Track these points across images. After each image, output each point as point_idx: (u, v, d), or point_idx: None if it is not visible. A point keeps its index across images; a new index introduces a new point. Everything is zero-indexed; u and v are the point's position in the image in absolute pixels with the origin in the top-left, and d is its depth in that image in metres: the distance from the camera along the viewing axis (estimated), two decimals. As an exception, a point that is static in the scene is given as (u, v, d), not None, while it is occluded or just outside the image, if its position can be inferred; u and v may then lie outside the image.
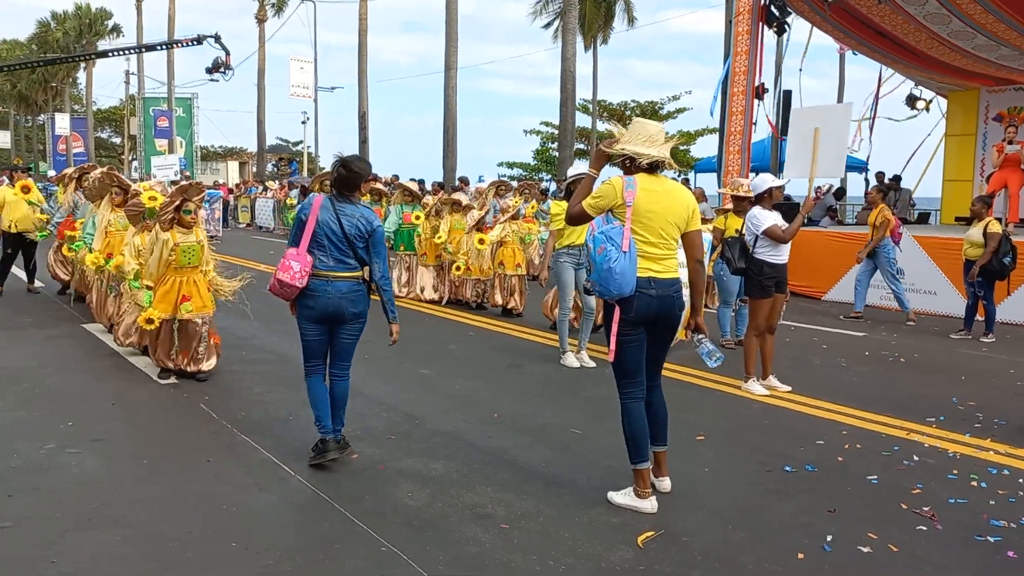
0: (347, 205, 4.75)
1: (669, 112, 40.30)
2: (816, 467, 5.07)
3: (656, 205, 4.32)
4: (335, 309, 4.74)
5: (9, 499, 4.34)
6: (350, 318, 4.81)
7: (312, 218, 4.69)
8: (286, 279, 4.63)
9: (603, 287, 4.22)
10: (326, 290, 4.70)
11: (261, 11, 42.80)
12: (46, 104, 63.80)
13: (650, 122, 4.53)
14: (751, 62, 13.86)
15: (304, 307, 4.78)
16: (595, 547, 3.91)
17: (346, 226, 4.70)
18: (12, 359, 7.54)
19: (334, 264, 4.72)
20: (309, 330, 4.85)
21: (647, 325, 4.37)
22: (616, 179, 4.39)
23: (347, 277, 4.75)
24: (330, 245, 4.70)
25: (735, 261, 6.95)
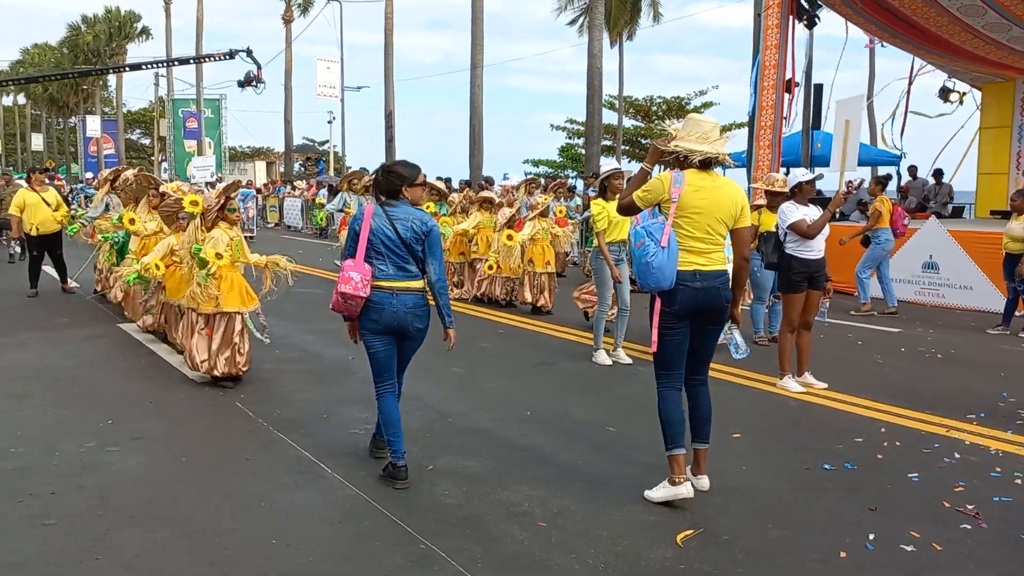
0: (398, 208, 4.61)
1: (696, 107, 39.97)
2: (856, 465, 5.02)
3: (703, 202, 4.35)
4: (400, 323, 4.58)
5: (53, 497, 4.40)
6: (414, 333, 4.68)
7: (365, 226, 4.56)
8: (349, 291, 4.46)
9: (641, 280, 4.35)
10: (391, 303, 4.54)
11: (288, 12, 43.10)
12: (77, 106, 64.76)
13: (705, 118, 4.54)
14: (781, 56, 13.72)
15: (368, 320, 4.59)
16: (634, 545, 3.89)
17: (401, 230, 4.55)
18: (51, 359, 7.65)
19: (395, 272, 4.56)
20: (375, 344, 4.68)
21: (691, 317, 4.39)
22: (666, 174, 4.45)
23: (411, 289, 4.60)
24: (388, 252, 4.56)
25: (768, 256, 6.89)
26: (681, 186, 4.34)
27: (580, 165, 35.22)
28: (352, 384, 6.84)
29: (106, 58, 57.66)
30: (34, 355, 7.81)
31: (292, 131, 43.58)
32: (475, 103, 27.37)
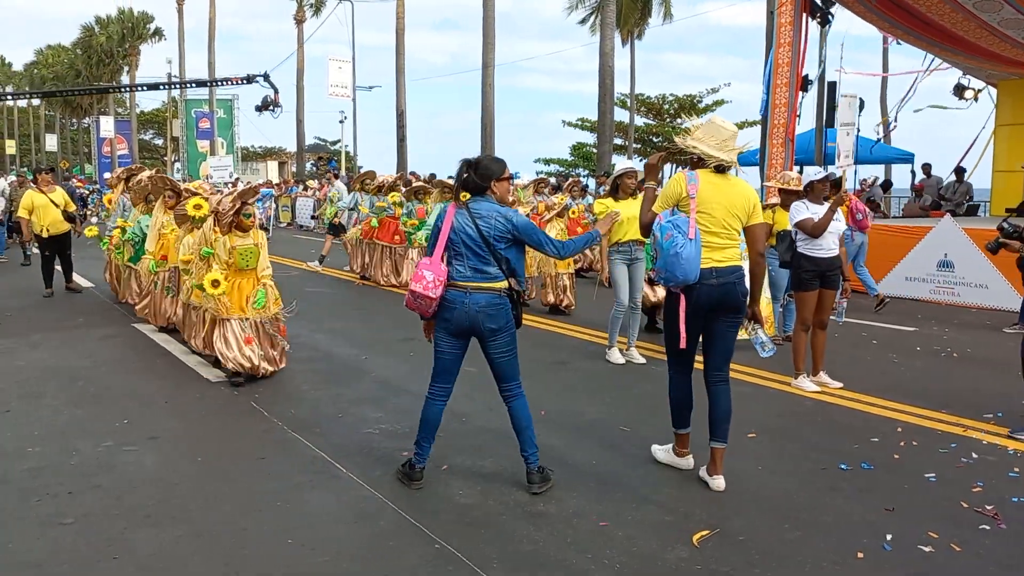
0: (481, 205, 4.44)
1: (708, 105, 39.90)
2: (872, 465, 4.99)
3: (719, 196, 4.55)
4: (471, 323, 4.42)
5: (70, 496, 4.43)
6: (487, 333, 4.46)
7: (447, 225, 4.42)
8: (419, 289, 4.35)
9: (669, 273, 4.40)
10: (463, 302, 4.39)
11: (299, 12, 43.22)
12: (91, 107, 65.15)
13: (726, 125, 4.68)
14: (794, 54, 13.65)
15: (440, 320, 4.48)
16: (650, 546, 3.88)
17: (483, 228, 4.38)
18: (68, 359, 7.69)
19: (471, 274, 4.40)
20: (443, 345, 4.57)
21: (707, 313, 4.56)
22: (680, 175, 4.62)
23: (486, 289, 4.41)
24: (467, 252, 4.40)
25: (782, 255, 6.88)
26: (696, 183, 4.53)
27: (592, 164, 35.20)
28: (365, 384, 6.85)
29: (119, 59, 57.99)
30: (50, 355, 7.86)
31: (304, 131, 43.69)
32: (487, 102, 27.38)
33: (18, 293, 11.93)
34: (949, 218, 12.40)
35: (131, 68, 57.99)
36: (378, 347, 8.23)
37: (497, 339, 4.51)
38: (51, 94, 46.42)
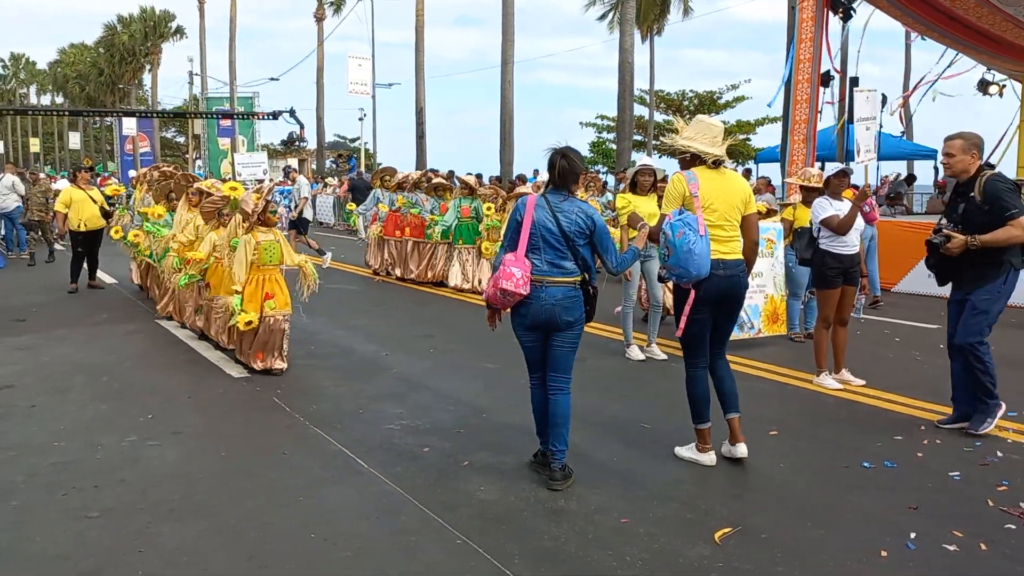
0: (563, 201, 4.46)
1: (728, 101, 39.73)
2: (895, 463, 4.95)
3: (719, 191, 4.77)
4: (548, 316, 4.43)
5: (96, 490, 4.48)
6: (563, 326, 4.47)
7: (527, 219, 4.42)
8: (510, 287, 4.32)
9: (683, 269, 4.52)
10: (539, 296, 4.39)
11: (320, 10, 43.41)
12: (113, 105, 65.68)
13: (714, 123, 4.95)
14: (816, 49, 13.55)
15: (517, 315, 4.50)
16: (672, 543, 3.87)
17: (564, 223, 4.39)
18: (92, 354, 7.77)
19: (548, 268, 4.41)
20: (524, 338, 4.58)
21: (714, 303, 4.77)
22: (678, 176, 4.80)
23: (561, 282, 4.43)
24: (545, 247, 4.41)
25: (802, 252, 6.84)
26: (697, 182, 4.73)
27: (611, 160, 35.10)
28: (385, 380, 6.88)
29: (141, 57, 58.45)
30: (75, 350, 7.94)
31: (324, 128, 43.91)
32: (506, 99, 27.38)
33: (42, 289, 12.07)
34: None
35: (153, 67, 58.54)
36: (398, 343, 8.26)
37: (571, 331, 4.54)
38: (52, 111, 47.00)
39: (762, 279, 8.31)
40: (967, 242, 5.13)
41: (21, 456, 5.00)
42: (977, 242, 5.11)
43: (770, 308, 8.44)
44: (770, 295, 8.46)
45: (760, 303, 8.37)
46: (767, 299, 8.44)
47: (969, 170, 5.26)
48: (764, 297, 8.41)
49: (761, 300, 8.38)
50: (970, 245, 5.13)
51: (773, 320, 8.48)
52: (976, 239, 5.11)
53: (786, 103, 14.13)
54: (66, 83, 71.15)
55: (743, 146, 37.71)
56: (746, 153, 37.14)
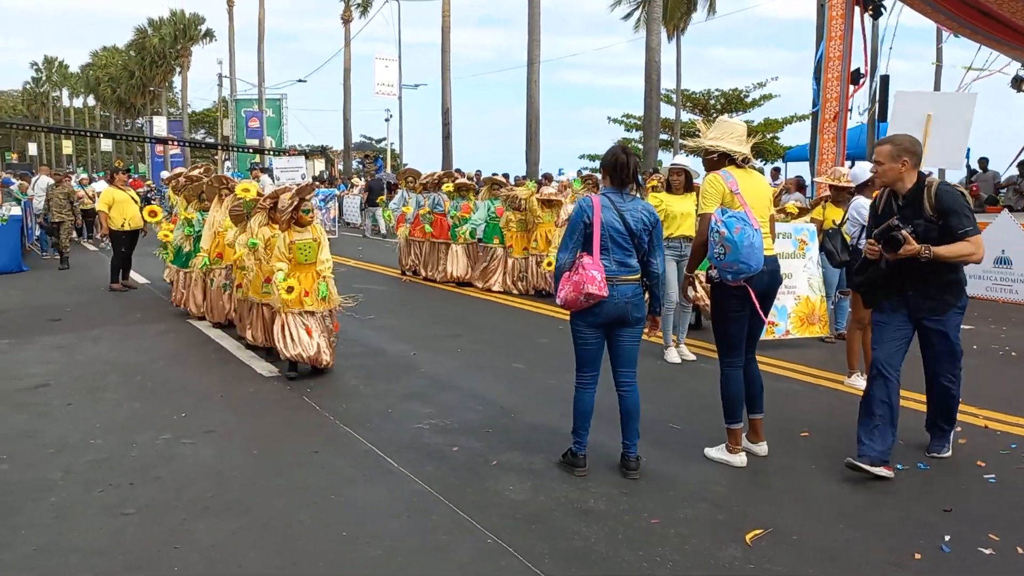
0: (627, 200, 4.56)
1: (755, 100, 39.42)
2: (929, 465, 4.90)
3: (752, 191, 4.80)
4: (620, 313, 4.53)
5: (132, 487, 4.55)
6: (633, 322, 4.61)
7: (597, 220, 4.48)
8: (594, 291, 4.38)
9: (744, 264, 4.48)
10: (612, 294, 4.46)
11: (347, 12, 43.67)
12: (144, 108, 66.62)
13: (736, 122, 5.02)
14: (845, 47, 13.43)
15: (589, 314, 4.53)
16: (702, 544, 3.86)
17: (630, 222, 4.49)
18: (127, 353, 7.89)
19: (616, 268, 4.51)
20: (588, 336, 4.63)
21: (760, 298, 4.75)
22: (715, 176, 4.78)
23: (630, 280, 4.55)
24: (614, 247, 4.50)
25: (838, 253, 6.71)
26: (734, 179, 4.74)
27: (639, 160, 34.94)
28: (413, 380, 6.91)
29: (171, 60, 59.13)
30: (109, 349, 8.06)
31: (351, 129, 44.19)
32: (531, 99, 27.39)
33: (77, 289, 12.26)
34: (1007, 213, 12.09)
35: (183, 69, 59.19)
36: (426, 343, 8.29)
37: (638, 327, 4.68)
38: (85, 132, 47.81)
39: (792, 280, 8.19)
40: (920, 252, 4.55)
41: (59, 454, 5.09)
42: (930, 253, 4.56)
43: (804, 309, 8.31)
44: (804, 296, 8.33)
45: (790, 304, 8.27)
46: (799, 300, 8.32)
47: (903, 179, 4.72)
48: (795, 298, 8.30)
49: (791, 301, 8.27)
50: (922, 256, 4.56)
51: (810, 322, 8.33)
52: (929, 250, 4.56)
53: (815, 101, 14.01)
54: (98, 86, 72.17)
55: (771, 144, 37.44)
56: (774, 151, 36.86)
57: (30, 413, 5.95)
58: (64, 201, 15.37)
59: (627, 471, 4.70)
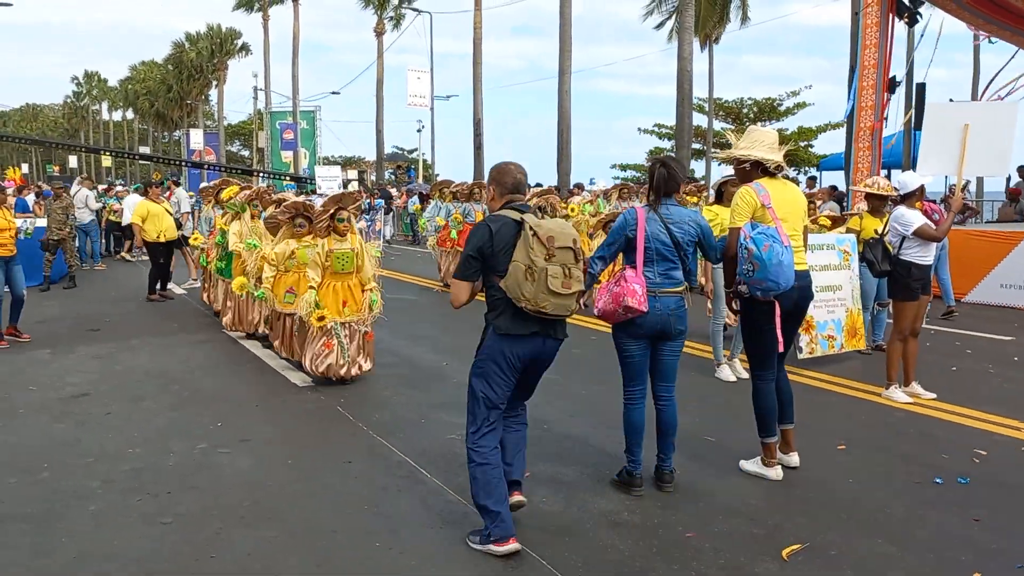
0: (672, 211, 4.52)
1: (788, 108, 39.09)
2: (969, 479, 4.81)
3: (787, 204, 4.75)
4: (663, 326, 4.49)
5: (169, 496, 4.61)
6: (675, 335, 4.56)
7: (641, 232, 4.45)
8: (633, 304, 4.33)
9: (772, 282, 4.47)
10: (654, 307, 4.43)
11: (379, 24, 44.02)
12: (181, 120, 67.66)
13: (767, 130, 4.98)
14: (881, 55, 13.29)
15: (631, 325, 4.48)
16: (737, 558, 3.82)
17: (676, 233, 4.47)
18: (164, 363, 8.00)
19: (660, 280, 4.47)
20: (633, 348, 4.58)
21: (786, 315, 4.73)
22: (746, 189, 4.72)
23: (673, 292, 4.51)
24: (659, 259, 4.46)
25: (878, 263, 6.56)
26: (767, 192, 4.67)
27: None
28: (446, 389, 6.93)
29: (208, 74, 60.03)
30: (147, 359, 8.18)
31: (383, 140, 44.44)
32: (563, 109, 27.39)
33: (116, 300, 12.46)
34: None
35: (219, 82, 60.06)
36: (458, 353, 8.30)
37: (679, 340, 4.64)
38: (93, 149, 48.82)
39: (842, 292, 8.02)
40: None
41: (98, 462, 5.17)
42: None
43: (850, 322, 8.10)
44: (850, 309, 8.12)
45: (842, 317, 8.02)
46: (848, 313, 8.08)
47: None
48: (845, 311, 8.06)
49: (843, 314, 8.03)
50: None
51: (852, 335, 8.11)
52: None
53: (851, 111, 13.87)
54: (136, 99, 73.45)
55: (804, 153, 37.08)
56: (808, 160, 36.50)
57: (70, 422, 6.05)
58: (62, 216, 13.67)
59: (661, 484, 4.68)
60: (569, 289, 3.83)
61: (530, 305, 3.82)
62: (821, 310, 7.74)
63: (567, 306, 3.89)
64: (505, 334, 3.96)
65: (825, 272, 7.82)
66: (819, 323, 7.75)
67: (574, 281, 3.85)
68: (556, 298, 3.81)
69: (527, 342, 3.99)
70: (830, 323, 7.85)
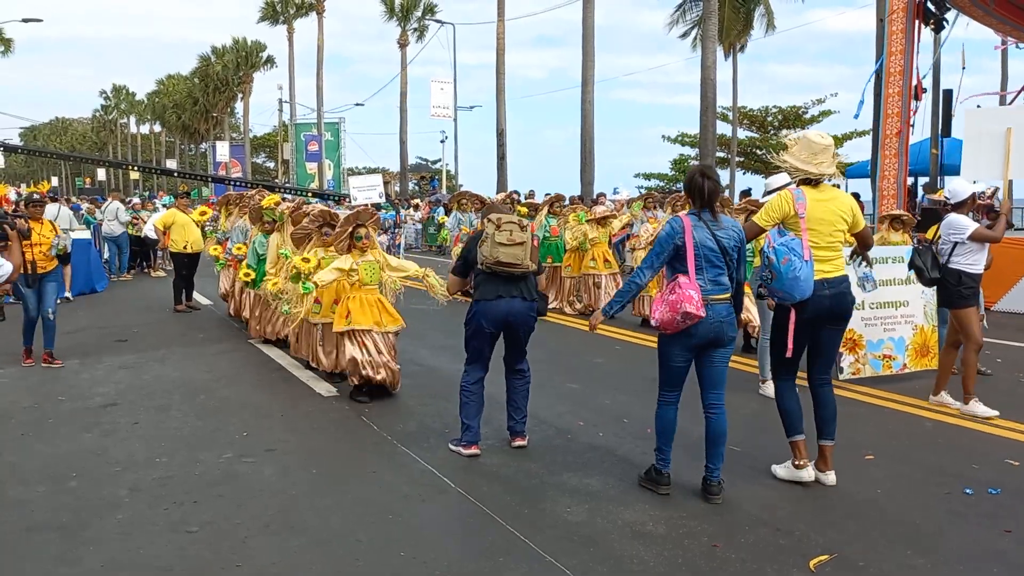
0: (717, 218, 4.57)
1: (813, 116, 38.77)
2: (1000, 489, 4.73)
3: (825, 213, 4.75)
4: (716, 334, 4.51)
5: (195, 505, 4.64)
6: (727, 341, 4.60)
7: (689, 239, 4.48)
8: (692, 311, 4.35)
9: (788, 294, 4.59)
10: (708, 314, 4.44)
11: (403, 36, 44.36)
12: (207, 133, 68.48)
13: (815, 139, 4.84)
14: (906, 61, 13.18)
15: (684, 334, 4.49)
16: (765, 570, 3.79)
17: (722, 240, 4.51)
18: (190, 373, 8.07)
19: (711, 287, 4.49)
20: (679, 357, 4.60)
21: (817, 322, 4.77)
22: (786, 193, 4.79)
23: (723, 299, 4.55)
24: (707, 266, 4.49)
25: (928, 271, 6.39)
26: (804, 201, 4.72)
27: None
28: (471, 399, 6.91)
29: (234, 87, 60.71)
30: (173, 369, 8.26)
31: (407, 151, 44.69)
32: (586, 119, 27.39)
33: (143, 310, 12.58)
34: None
35: (245, 95, 60.73)
36: (482, 363, 8.31)
37: (730, 347, 4.68)
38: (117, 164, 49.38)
39: (908, 309, 7.50)
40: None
41: (125, 471, 5.22)
42: None
43: (919, 340, 7.56)
44: (920, 326, 7.57)
45: (907, 335, 7.51)
46: (916, 330, 7.56)
47: None
48: (912, 328, 7.53)
49: (909, 332, 7.51)
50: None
51: (922, 354, 7.58)
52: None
53: (876, 117, 13.76)
54: (163, 112, 74.45)
55: (830, 161, 36.73)
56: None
57: (98, 432, 6.12)
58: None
59: (709, 496, 4.63)
60: (514, 240, 5.13)
61: (489, 259, 5.16)
62: (876, 328, 7.34)
63: (516, 255, 5.15)
64: (479, 299, 5.32)
65: (888, 287, 7.36)
66: (870, 342, 7.32)
67: (516, 236, 5.15)
68: (505, 248, 5.13)
69: (495, 305, 5.26)
70: (887, 341, 7.40)
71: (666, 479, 4.71)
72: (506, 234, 5.14)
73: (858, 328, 7.12)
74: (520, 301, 5.28)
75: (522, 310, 5.31)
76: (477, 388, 5.49)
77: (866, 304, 7.19)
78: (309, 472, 5.20)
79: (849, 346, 7.15)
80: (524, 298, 5.26)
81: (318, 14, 47.84)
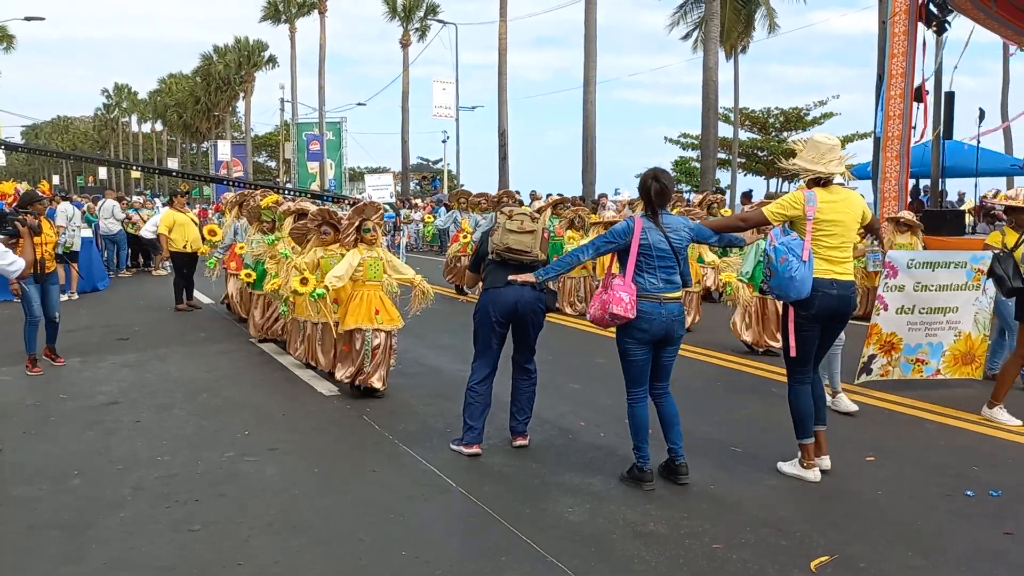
0: (670, 220, 4.76)
1: (815, 118, 38.86)
2: (1001, 491, 4.74)
3: (838, 215, 4.81)
4: (667, 331, 4.71)
5: (197, 504, 4.65)
6: (676, 339, 4.81)
7: (635, 242, 4.64)
8: (620, 312, 4.56)
9: (782, 292, 4.72)
10: (660, 312, 4.65)
11: (405, 36, 44.42)
12: (209, 132, 68.51)
13: (822, 140, 4.93)
14: (908, 64, 13.19)
15: (637, 331, 4.68)
16: (766, 570, 3.79)
17: (674, 241, 4.68)
18: (192, 372, 8.08)
19: (663, 286, 4.67)
20: (638, 353, 4.77)
21: (824, 321, 4.86)
22: (798, 194, 4.86)
23: (676, 298, 4.73)
24: (659, 265, 4.66)
25: (1010, 280, 5.99)
26: (815, 204, 4.76)
27: (695, 179, 34.74)
28: (473, 399, 6.92)
29: (235, 86, 60.75)
30: (175, 368, 8.27)
31: (409, 151, 44.69)
32: (588, 119, 27.40)
33: (144, 309, 12.61)
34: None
35: (246, 94, 60.79)
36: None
37: (679, 343, 4.89)
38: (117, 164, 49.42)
39: (955, 315, 7.05)
40: None
41: (128, 470, 5.23)
42: None
43: (961, 347, 7.15)
44: (966, 334, 7.14)
45: (947, 341, 7.10)
46: (958, 337, 7.13)
47: None
48: (955, 335, 7.11)
49: (950, 338, 7.09)
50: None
51: (965, 362, 7.19)
52: None
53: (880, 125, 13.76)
54: (165, 111, 74.49)
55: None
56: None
57: (100, 430, 6.13)
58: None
59: (677, 477, 4.80)
60: (524, 229, 5.23)
61: (500, 246, 5.26)
62: (918, 332, 6.95)
63: (526, 242, 5.23)
64: (488, 287, 5.41)
65: (942, 292, 6.94)
66: (908, 345, 6.96)
67: (527, 225, 5.24)
68: (515, 235, 5.23)
69: (503, 293, 5.27)
70: (924, 346, 7.04)
71: (649, 475, 4.81)
72: (517, 223, 5.24)
73: (900, 331, 6.86)
74: (529, 290, 5.27)
75: (531, 299, 5.31)
76: (484, 389, 5.50)
77: (916, 308, 6.85)
78: (311, 471, 5.21)
79: (886, 348, 6.88)
80: (533, 287, 5.26)
81: (320, 13, 47.89)
